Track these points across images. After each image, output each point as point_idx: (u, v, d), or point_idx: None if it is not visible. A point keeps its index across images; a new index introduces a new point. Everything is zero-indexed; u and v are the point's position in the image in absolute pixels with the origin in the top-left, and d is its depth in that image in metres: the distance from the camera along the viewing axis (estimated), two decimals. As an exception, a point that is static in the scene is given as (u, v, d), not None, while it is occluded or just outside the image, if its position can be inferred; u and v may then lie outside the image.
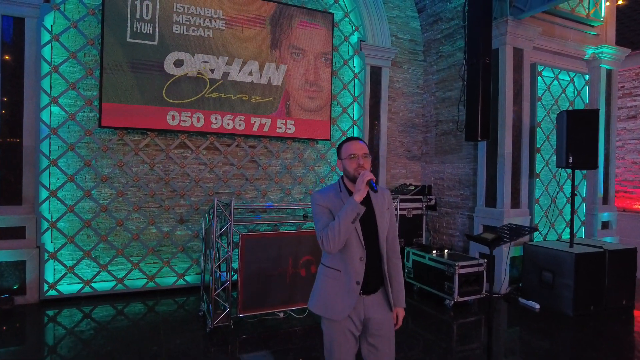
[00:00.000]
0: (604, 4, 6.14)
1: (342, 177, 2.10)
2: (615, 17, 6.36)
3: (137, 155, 4.98)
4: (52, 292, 4.65)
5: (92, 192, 4.79)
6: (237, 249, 4.03)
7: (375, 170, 6.20)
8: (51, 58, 4.63)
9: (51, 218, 4.66)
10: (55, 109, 4.65)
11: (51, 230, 4.67)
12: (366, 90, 6.17)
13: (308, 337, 3.87)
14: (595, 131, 4.62)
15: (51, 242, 4.69)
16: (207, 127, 5.11)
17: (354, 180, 1.98)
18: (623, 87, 7.89)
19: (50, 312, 4.35)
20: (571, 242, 4.83)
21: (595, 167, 4.71)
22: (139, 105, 4.79)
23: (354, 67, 6.26)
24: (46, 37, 4.58)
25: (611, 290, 4.73)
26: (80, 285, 4.76)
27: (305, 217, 4.83)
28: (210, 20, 5.07)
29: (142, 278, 5.03)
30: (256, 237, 4.13)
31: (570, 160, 4.62)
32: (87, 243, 4.81)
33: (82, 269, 4.80)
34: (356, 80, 6.23)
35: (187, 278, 5.22)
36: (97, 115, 4.74)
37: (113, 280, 4.89)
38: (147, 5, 4.79)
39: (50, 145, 4.65)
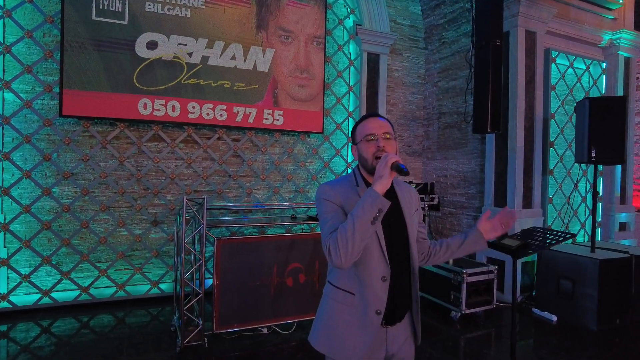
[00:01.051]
0: (623, -16, 5.62)
1: (357, 166, 1.58)
2: (635, 1, 5.85)
3: (104, 149, 4.41)
4: (4, 304, 4.08)
5: (53, 189, 4.23)
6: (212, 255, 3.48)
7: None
8: (4, 37, 4.06)
9: (4, 220, 4.10)
10: (8, 95, 4.09)
11: (4, 234, 4.11)
12: (363, 79, 5.62)
13: (296, 357, 3.33)
14: (622, 121, 4.07)
15: (4, 246, 4.12)
16: (183, 117, 4.55)
17: (372, 170, 1.45)
18: (637, 78, 7.38)
19: (3, 327, 3.81)
20: (592, 247, 4.29)
21: (623, 161, 4.17)
22: (106, 92, 4.23)
23: (349, 53, 5.71)
24: (-3, 13, 4.02)
25: (638, 301, 4.20)
26: (38, 296, 4.19)
27: (293, 218, 4.28)
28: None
29: (111, 286, 4.47)
30: (234, 241, 3.58)
31: (593, 154, 4.08)
32: (47, 247, 4.24)
33: (40, 277, 4.23)
34: (352, 68, 5.68)
35: (162, 286, 4.67)
36: (58, 102, 4.17)
37: (77, 290, 4.33)
38: (115, -22, 4.23)
39: (3, 137, 4.09)
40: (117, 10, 4.26)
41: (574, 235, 2.46)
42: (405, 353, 1.55)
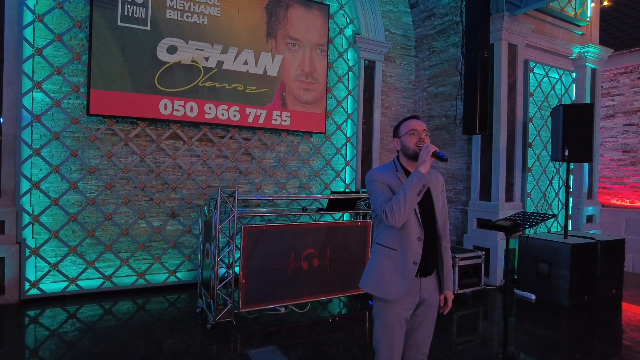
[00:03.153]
0: (590, 4, 6.32)
1: (396, 157, 2.05)
2: (599, 19, 6.57)
3: (126, 146, 4.73)
4: (33, 291, 4.34)
5: (78, 184, 4.51)
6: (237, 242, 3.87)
7: (368, 165, 6.15)
8: (34, 40, 4.32)
9: (33, 212, 4.36)
10: (38, 94, 4.35)
11: (33, 225, 4.36)
12: (360, 84, 6.12)
13: (314, 332, 3.76)
14: (590, 125, 4.73)
15: (32, 237, 4.37)
16: (200, 117, 4.91)
17: (413, 157, 1.94)
18: (603, 86, 8.17)
19: (32, 313, 4.06)
20: (565, 234, 4.92)
21: (590, 159, 4.83)
22: (129, 93, 4.55)
23: (348, 60, 6.19)
24: (29, 17, 4.27)
25: (602, 280, 4.86)
26: (65, 284, 4.47)
27: (304, 209, 4.72)
28: (205, 6, 4.87)
29: (132, 275, 4.78)
30: (259, 229, 3.98)
31: (566, 153, 4.71)
32: (73, 238, 4.52)
33: (66, 266, 4.50)
34: (350, 74, 6.16)
35: (179, 275, 5.01)
36: (84, 102, 4.47)
37: (100, 278, 4.62)
38: (139, -13, 4.56)
39: (32, 134, 4.34)
40: (140, 17, 4.59)
41: (555, 216, 3.01)
42: (433, 299, 2.04)
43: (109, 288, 4.65)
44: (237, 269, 4.03)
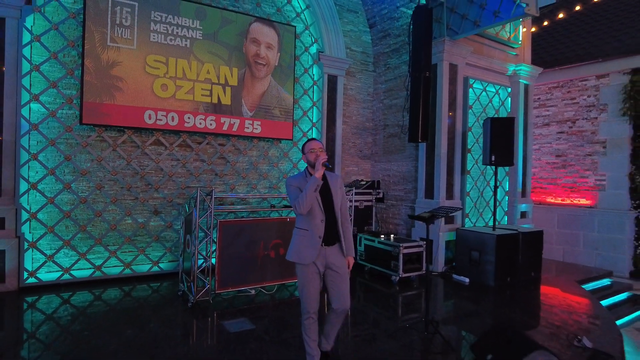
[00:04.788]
0: (522, 29, 7.32)
1: (307, 168, 2.96)
2: (534, 41, 7.59)
3: (114, 151, 5.35)
4: (31, 280, 4.91)
5: (72, 185, 5.11)
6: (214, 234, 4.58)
7: (331, 167, 6.94)
8: (31, 57, 4.89)
9: (30, 209, 4.92)
10: (35, 105, 4.93)
11: (30, 221, 4.93)
12: (324, 96, 6.90)
13: (278, 308, 4.51)
14: (512, 135, 5.67)
15: (30, 232, 4.94)
16: (180, 125, 5.58)
17: (313, 166, 2.85)
18: (539, 98, 9.26)
19: (30, 299, 4.60)
20: (494, 227, 5.85)
21: (512, 164, 5.78)
22: (118, 105, 5.17)
23: (313, 75, 6.97)
24: (27, 37, 4.84)
25: (523, 265, 5.81)
26: (60, 273, 5.05)
27: (273, 207, 5.45)
28: (187, 30, 5.55)
29: (119, 265, 5.39)
30: (232, 223, 4.71)
31: (493, 158, 5.63)
32: (66, 233, 5.11)
33: (61, 257, 5.09)
34: (315, 87, 6.95)
35: (161, 265, 5.65)
36: (77, 112, 5.07)
37: (91, 268, 5.22)
38: (127, 12, 5.19)
39: (29, 140, 4.91)
40: (127, 37, 5.22)
41: (461, 209, 3.89)
42: (339, 262, 2.90)
43: (99, 277, 5.26)
44: (213, 258, 4.72)
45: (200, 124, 5.71)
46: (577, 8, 7.20)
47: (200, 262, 4.68)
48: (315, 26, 6.92)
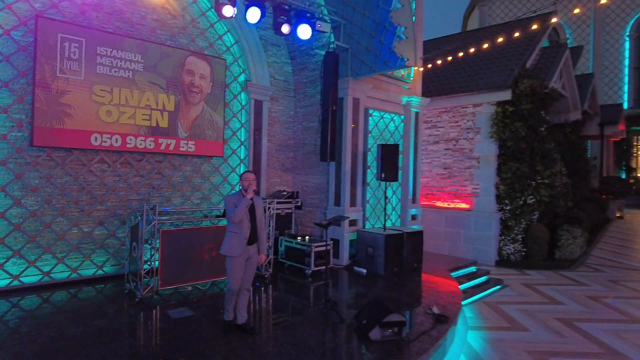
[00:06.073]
0: (413, 68, 9.09)
1: (241, 189, 4.23)
2: (426, 74, 9.41)
3: (63, 169, 6.04)
4: (-17, 286, 5.47)
5: (22, 200, 5.73)
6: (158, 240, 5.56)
7: (258, 180, 8.12)
8: (-17, 87, 5.46)
9: (-19, 223, 5.49)
10: (-14, 130, 5.50)
11: (-19, 234, 5.49)
12: (251, 119, 8.06)
13: (211, 299, 5.61)
14: (397, 157, 7.32)
15: (-19, 243, 5.50)
16: (123, 146, 6.41)
17: (246, 190, 4.13)
18: (431, 120, 11.25)
19: (-20, 305, 5.18)
20: (384, 228, 7.45)
21: (397, 180, 7.45)
22: (67, 129, 5.88)
23: (242, 100, 8.09)
24: (-21, 68, 5.41)
25: (408, 258, 7.48)
26: (9, 280, 5.65)
27: (206, 216, 6.51)
28: (130, 63, 6.39)
29: (66, 271, 6.09)
30: (172, 232, 5.71)
31: (383, 175, 7.22)
32: (15, 244, 5.71)
33: (9, 266, 5.68)
34: (243, 111, 8.08)
35: (105, 269, 6.43)
36: (28, 135, 5.71)
37: (40, 274, 5.88)
38: (75, 47, 5.92)
39: (-20, 161, 5.48)
40: (75, 69, 5.95)
41: (347, 217, 5.34)
42: (255, 257, 4.35)
43: (47, 282, 5.92)
44: (157, 261, 5.68)
45: (140, 144, 6.58)
46: (449, 58, 9.09)
47: (146, 264, 5.62)
48: (243, 58, 8.05)
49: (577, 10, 8.15)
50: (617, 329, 5.85)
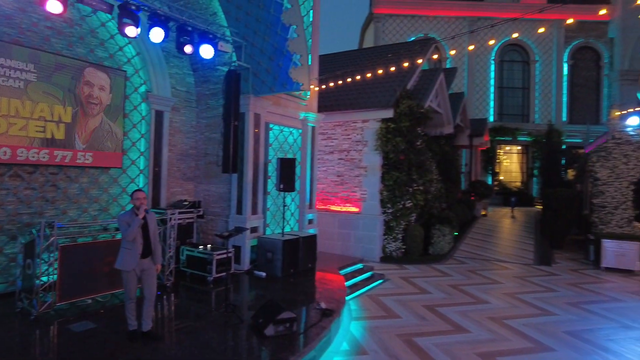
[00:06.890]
0: (310, 87, 9.97)
1: (133, 208, 4.65)
2: (323, 90, 10.36)
3: (-61, 184, 5.65)
4: None
5: None
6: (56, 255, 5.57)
7: (157, 190, 8.28)
8: None
9: None
10: None
11: None
12: (152, 129, 8.18)
13: (112, 311, 5.79)
14: (293, 170, 8.13)
15: None
16: (13, 159, 6.17)
17: (138, 208, 4.55)
18: (327, 132, 12.34)
19: None
20: (283, 234, 8.21)
21: (294, 190, 8.25)
22: (-57, 141, 5.53)
23: (142, 111, 8.17)
24: None
25: (303, 260, 8.34)
26: None
27: (105, 229, 6.60)
28: (20, 72, 6.16)
29: (-56, 291, 5.72)
30: (71, 247, 5.76)
31: (281, 186, 7.97)
32: None
33: None
34: (143, 121, 8.16)
35: (-9, 287, 6.14)
36: None
37: None
38: (-46, 56, 5.58)
39: None
40: (-46, 78, 5.62)
41: (245, 229, 5.97)
42: (150, 268, 4.80)
43: None
44: (55, 276, 5.66)
45: (33, 157, 6.39)
46: (348, 79, 10.20)
47: (43, 280, 5.58)
48: (144, 70, 8.13)
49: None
50: (466, 310, 7.38)
